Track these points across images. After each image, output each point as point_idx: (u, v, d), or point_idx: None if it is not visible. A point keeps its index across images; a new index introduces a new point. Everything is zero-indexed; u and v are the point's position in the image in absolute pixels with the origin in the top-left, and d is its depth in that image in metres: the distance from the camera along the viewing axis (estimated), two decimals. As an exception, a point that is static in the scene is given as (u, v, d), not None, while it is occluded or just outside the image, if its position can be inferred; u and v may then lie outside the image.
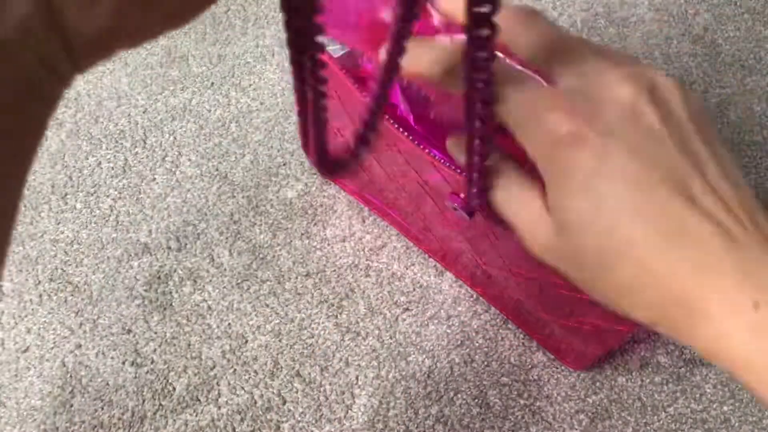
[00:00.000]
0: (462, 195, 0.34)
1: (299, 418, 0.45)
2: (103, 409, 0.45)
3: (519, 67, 0.26)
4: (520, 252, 0.38)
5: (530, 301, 0.41)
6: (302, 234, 0.51)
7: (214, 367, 0.47)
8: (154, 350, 0.47)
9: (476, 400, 0.46)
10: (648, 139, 0.21)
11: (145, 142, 0.55)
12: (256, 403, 0.45)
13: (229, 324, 0.48)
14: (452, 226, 0.42)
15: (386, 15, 0.26)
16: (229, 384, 0.46)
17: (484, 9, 0.19)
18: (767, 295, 0.19)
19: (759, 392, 0.19)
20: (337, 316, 0.48)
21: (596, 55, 0.24)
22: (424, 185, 0.40)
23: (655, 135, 0.21)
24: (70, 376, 0.46)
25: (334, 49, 0.40)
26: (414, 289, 0.49)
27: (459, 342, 0.47)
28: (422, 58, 0.24)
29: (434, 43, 0.25)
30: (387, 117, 0.37)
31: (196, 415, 0.45)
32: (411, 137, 0.36)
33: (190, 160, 0.54)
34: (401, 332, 0.48)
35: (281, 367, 0.47)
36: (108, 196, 0.52)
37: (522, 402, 0.46)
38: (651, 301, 0.21)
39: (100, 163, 0.54)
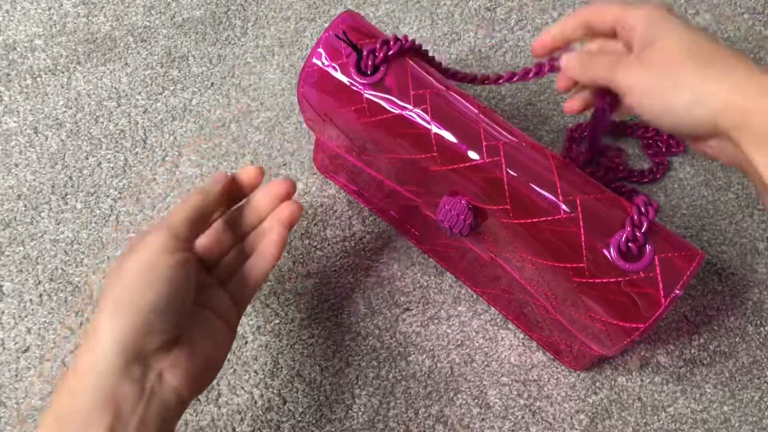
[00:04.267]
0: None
1: (299, 418, 0.45)
2: (103, 409, 0.45)
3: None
4: (533, 242, 0.37)
5: (541, 290, 0.40)
6: (302, 234, 0.51)
7: (214, 367, 0.47)
8: (154, 350, 0.47)
9: (476, 400, 0.46)
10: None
11: (145, 142, 0.55)
12: (256, 403, 0.45)
13: (229, 324, 0.48)
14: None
15: None
16: (229, 384, 0.46)
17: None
18: None
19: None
20: (337, 316, 0.48)
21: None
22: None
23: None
24: (70, 376, 0.46)
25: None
26: (414, 289, 0.49)
27: (459, 342, 0.47)
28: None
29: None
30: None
31: (196, 415, 0.45)
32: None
33: (190, 160, 0.54)
34: (401, 332, 0.48)
35: (281, 367, 0.47)
36: (108, 196, 0.52)
37: (522, 402, 0.46)
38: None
39: (100, 163, 0.54)
